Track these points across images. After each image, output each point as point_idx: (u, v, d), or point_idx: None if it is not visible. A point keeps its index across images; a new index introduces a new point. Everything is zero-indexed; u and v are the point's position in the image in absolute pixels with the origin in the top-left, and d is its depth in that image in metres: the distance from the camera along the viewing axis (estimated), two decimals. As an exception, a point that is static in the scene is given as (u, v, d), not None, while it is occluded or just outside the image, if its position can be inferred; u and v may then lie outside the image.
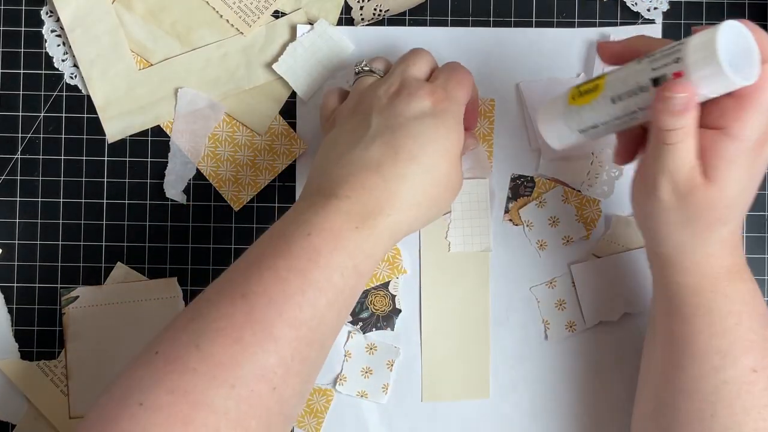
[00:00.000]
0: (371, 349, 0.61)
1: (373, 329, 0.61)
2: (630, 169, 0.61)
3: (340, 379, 0.60)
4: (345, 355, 0.60)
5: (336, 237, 0.48)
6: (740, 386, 0.48)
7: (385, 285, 0.61)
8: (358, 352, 0.60)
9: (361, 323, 0.61)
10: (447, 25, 0.62)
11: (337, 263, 0.48)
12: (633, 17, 0.61)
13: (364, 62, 0.56)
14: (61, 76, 0.62)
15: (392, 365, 0.60)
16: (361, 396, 0.60)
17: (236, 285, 0.47)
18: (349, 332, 0.61)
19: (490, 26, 0.61)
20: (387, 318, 0.61)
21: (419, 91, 0.52)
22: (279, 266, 0.47)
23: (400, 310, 0.61)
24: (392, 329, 0.61)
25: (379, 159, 0.50)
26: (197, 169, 0.61)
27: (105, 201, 0.62)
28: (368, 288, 0.61)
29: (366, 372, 0.60)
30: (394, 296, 0.61)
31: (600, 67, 0.60)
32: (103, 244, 0.62)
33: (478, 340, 0.60)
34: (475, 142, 0.59)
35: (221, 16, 0.62)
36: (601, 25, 0.61)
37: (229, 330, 0.45)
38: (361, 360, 0.60)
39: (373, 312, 0.61)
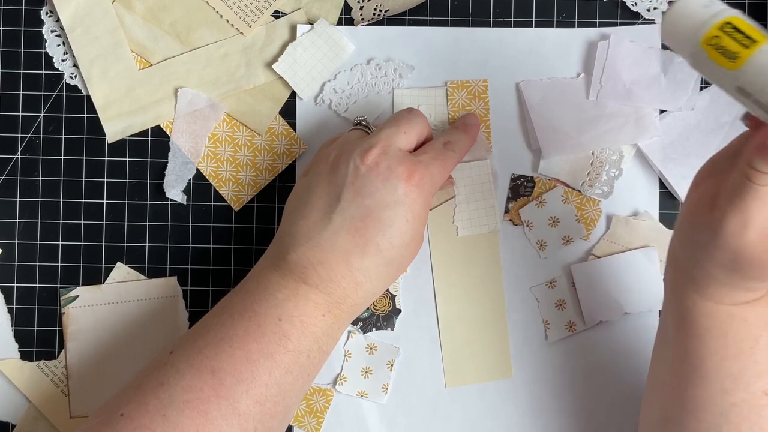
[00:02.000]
0: (371, 349, 0.61)
1: (373, 329, 0.61)
2: (630, 168, 0.61)
3: (340, 379, 0.60)
4: (345, 355, 0.61)
5: (304, 324, 0.51)
6: (750, 409, 0.46)
7: None
8: (358, 352, 0.60)
9: (361, 323, 0.61)
10: (447, 25, 0.62)
11: (304, 347, 0.51)
12: (633, 17, 0.61)
13: (365, 117, 0.57)
14: (61, 76, 0.62)
15: (392, 365, 0.60)
16: (361, 396, 0.60)
17: (207, 359, 0.49)
18: (349, 332, 0.61)
19: (490, 26, 0.61)
20: (387, 318, 0.61)
21: (398, 169, 0.51)
22: (250, 348, 0.49)
23: (400, 310, 0.61)
24: (392, 329, 0.61)
25: (347, 249, 0.51)
26: (197, 169, 0.61)
27: (105, 201, 0.62)
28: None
29: (366, 372, 0.60)
30: (394, 296, 0.61)
31: (600, 67, 0.60)
32: (103, 244, 0.62)
33: (495, 320, 0.60)
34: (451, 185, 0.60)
35: (221, 16, 0.62)
36: (601, 25, 0.61)
37: (197, 403, 0.47)
38: (361, 360, 0.60)
39: (373, 312, 0.61)
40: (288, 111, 0.62)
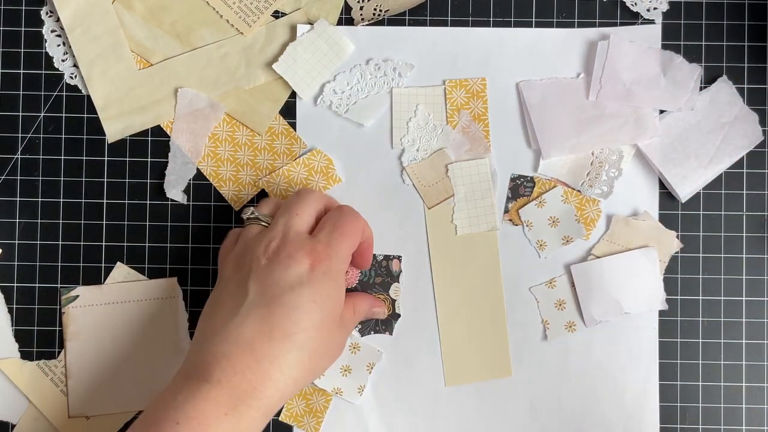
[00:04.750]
0: (354, 348, 0.60)
1: (371, 332, 0.61)
2: (630, 168, 0.61)
3: None
4: None
5: (203, 426, 0.48)
6: None
7: (386, 289, 0.61)
8: None
9: (360, 325, 0.61)
10: (447, 25, 0.62)
11: None
12: (633, 17, 0.61)
13: (252, 210, 0.56)
14: (61, 76, 0.62)
15: (371, 368, 0.60)
16: (336, 393, 0.60)
17: None
18: None
19: (490, 26, 0.61)
20: (386, 322, 0.61)
21: (298, 252, 0.51)
22: None
23: (399, 315, 0.61)
24: (390, 333, 0.61)
25: (252, 337, 0.49)
26: (197, 169, 0.62)
27: (105, 201, 0.62)
28: (370, 292, 0.61)
29: (345, 370, 0.60)
30: (394, 301, 0.61)
31: (600, 67, 0.60)
32: (103, 244, 0.62)
33: (494, 319, 0.60)
34: (368, 307, 0.58)
35: (221, 16, 0.62)
36: (601, 25, 0.61)
37: None
38: (342, 358, 0.60)
39: None
40: (288, 111, 0.62)
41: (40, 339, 0.61)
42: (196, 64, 0.61)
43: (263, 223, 0.55)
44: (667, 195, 0.61)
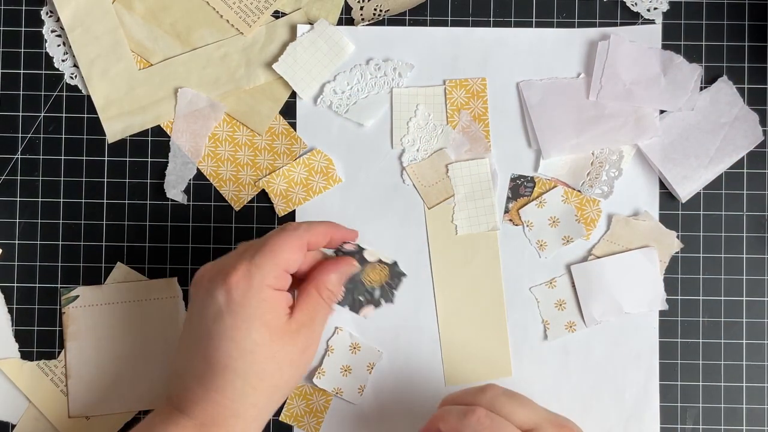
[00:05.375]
0: (354, 348, 0.60)
1: (370, 306, 0.57)
2: (630, 168, 0.61)
3: (319, 373, 0.60)
4: (327, 350, 0.60)
5: None
6: None
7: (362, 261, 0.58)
8: (341, 350, 0.60)
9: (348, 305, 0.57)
10: (447, 25, 0.62)
11: None
12: (633, 17, 0.61)
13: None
14: (61, 76, 0.62)
15: (372, 368, 0.60)
16: (336, 393, 0.60)
17: None
18: (336, 328, 0.60)
19: (490, 26, 0.61)
20: (383, 293, 0.58)
21: (215, 280, 0.49)
22: None
23: (399, 274, 0.58)
24: (391, 301, 0.57)
25: (198, 370, 0.50)
26: (197, 169, 0.62)
27: (105, 201, 0.62)
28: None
29: (345, 370, 0.60)
30: (381, 260, 0.57)
31: (600, 67, 0.60)
32: (103, 244, 0.62)
33: (494, 320, 0.60)
34: (334, 278, 0.53)
35: (221, 16, 0.62)
36: (601, 25, 0.61)
37: None
38: (342, 357, 0.60)
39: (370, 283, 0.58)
40: (288, 111, 0.62)
41: (40, 339, 0.61)
42: (196, 64, 0.61)
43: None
44: (667, 195, 0.61)
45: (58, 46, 0.62)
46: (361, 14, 0.61)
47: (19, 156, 0.62)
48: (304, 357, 0.52)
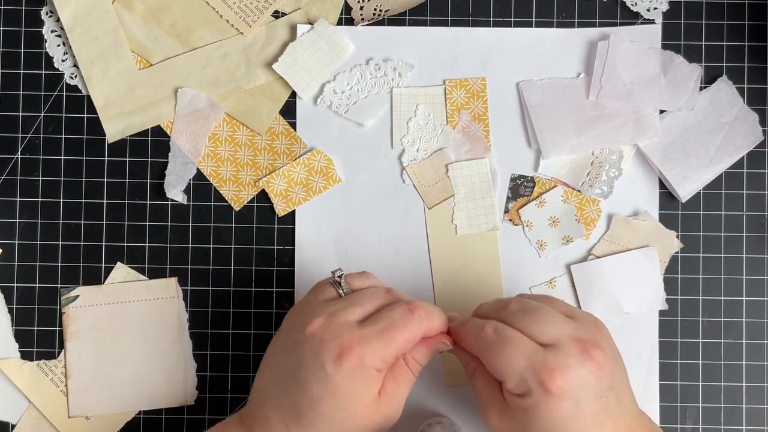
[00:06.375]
0: None
1: None
2: (630, 168, 0.61)
3: None
4: None
5: None
6: None
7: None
8: None
9: None
10: (447, 25, 0.62)
11: None
12: (633, 17, 0.61)
13: (341, 272, 0.53)
14: (61, 76, 0.62)
15: None
16: None
17: None
18: None
19: (490, 26, 0.61)
20: None
21: (330, 344, 0.48)
22: None
23: None
24: None
25: (284, 410, 0.50)
26: (197, 169, 0.62)
27: (105, 201, 0.62)
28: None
29: None
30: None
31: (600, 67, 0.60)
32: (103, 244, 0.62)
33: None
34: (424, 354, 0.52)
35: (221, 16, 0.62)
36: (601, 25, 0.61)
37: None
38: None
39: None
40: (288, 111, 0.62)
41: (40, 339, 0.61)
42: (196, 64, 0.61)
43: (340, 291, 0.53)
44: (667, 195, 0.61)
45: (58, 46, 0.62)
46: (361, 14, 0.61)
47: (19, 156, 0.62)
48: (386, 424, 0.51)
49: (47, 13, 0.62)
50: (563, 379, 0.46)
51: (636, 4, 0.61)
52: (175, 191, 0.61)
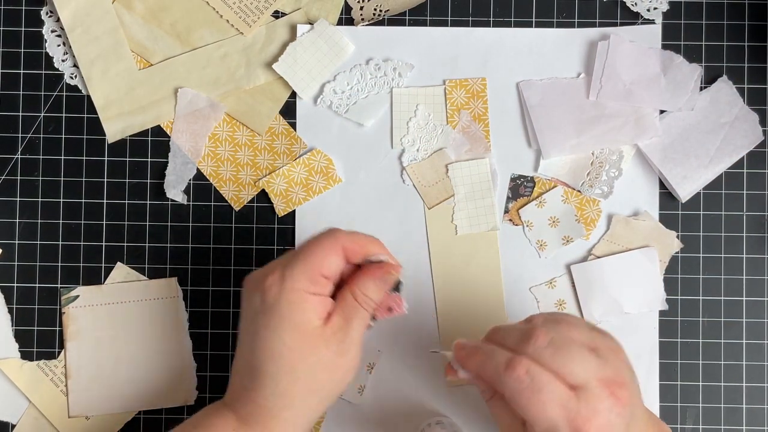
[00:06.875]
0: None
1: None
2: (630, 168, 0.61)
3: None
4: None
5: None
6: None
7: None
8: None
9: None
10: (447, 25, 0.62)
11: None
12: (633, 17, 0.61)
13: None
14: (61, 76, 0.62)
15: (372, 368, 0.60)
16: None
17: None
18: None
19: (490, 26, 0.61)
20: None
21: (254, 283, 0.50)
22: None
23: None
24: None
25: (238, 367, 0.51)
26: (197, 169, 0.62)
27: (105, 201, 0.62)
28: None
29: None
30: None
31: (600, 67, 0.60)
32: (103, 244, 0.62)
33: (494, 319, 0.60)
34: (372, 285, 0.51)
35: (221, 16, 0.62)
36: (601, 25, 0.61)
37: None
38: None
39: None
40: (288, 111, 0.62)
41: (40, 339, 0.61)
42: (196, 64, 0.61)
43: None
44: (667, 195, 0.61)
45: (58, 46, 0.62)
46: (361, 14, 0.61)
47: (19, 156, 0.62)
48: (341, 362, 0.50)
49: (47, 13, 0.62)
50: (596, 428, 0.46)
51: (636, 4, 0.61)
52: (175, 191, 0.61)
